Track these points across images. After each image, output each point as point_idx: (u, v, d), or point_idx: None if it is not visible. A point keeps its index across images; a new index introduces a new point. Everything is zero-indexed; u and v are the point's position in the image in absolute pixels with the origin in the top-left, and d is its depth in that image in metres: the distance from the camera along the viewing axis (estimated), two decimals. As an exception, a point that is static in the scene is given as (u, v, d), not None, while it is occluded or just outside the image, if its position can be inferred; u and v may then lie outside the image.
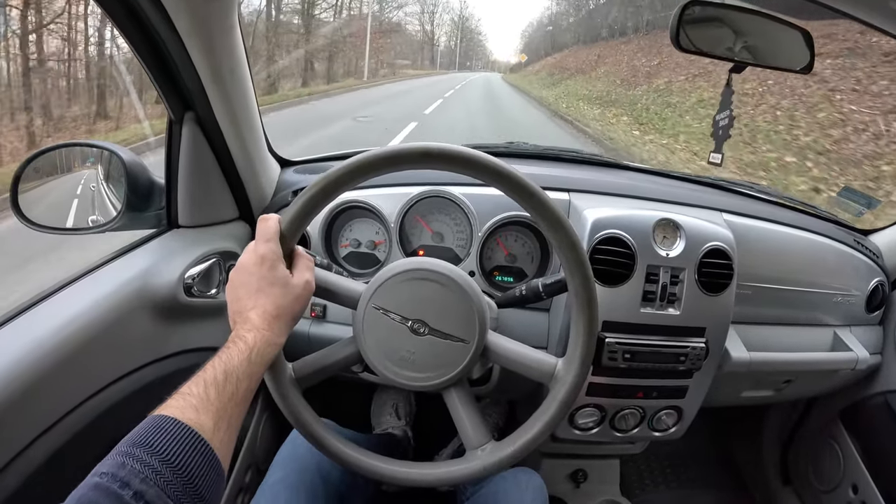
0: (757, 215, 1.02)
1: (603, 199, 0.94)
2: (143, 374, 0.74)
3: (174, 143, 0.81)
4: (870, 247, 1.11)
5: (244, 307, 0.55)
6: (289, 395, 0.65)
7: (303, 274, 0.60)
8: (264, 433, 1.10)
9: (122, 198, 0.83)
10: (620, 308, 0.84)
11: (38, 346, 0.61)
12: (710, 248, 0.85)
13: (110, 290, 0.71)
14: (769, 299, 0.99)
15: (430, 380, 0.65)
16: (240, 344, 0.51)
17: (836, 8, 0.70)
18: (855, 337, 1.06)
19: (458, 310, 0.64)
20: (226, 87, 0.76)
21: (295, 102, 11.24)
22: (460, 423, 0.68)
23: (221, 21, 0.69)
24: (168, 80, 0.75)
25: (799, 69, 0.77)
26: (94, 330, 0.67)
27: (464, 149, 0.59)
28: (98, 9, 0.66)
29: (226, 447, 0.45)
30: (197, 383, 0.46)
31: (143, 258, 0.79)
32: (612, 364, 0.84)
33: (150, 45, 0.70)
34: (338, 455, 0.67)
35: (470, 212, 0.91)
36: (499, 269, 0.96)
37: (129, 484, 0.36)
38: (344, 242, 0.98)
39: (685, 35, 0.72)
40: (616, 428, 0.94)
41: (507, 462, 0.65)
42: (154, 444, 0.39)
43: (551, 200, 0.60)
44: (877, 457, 1.12)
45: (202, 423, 0.43)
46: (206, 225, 0.88)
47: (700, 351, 0.86)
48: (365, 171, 0.59)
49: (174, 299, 0.77)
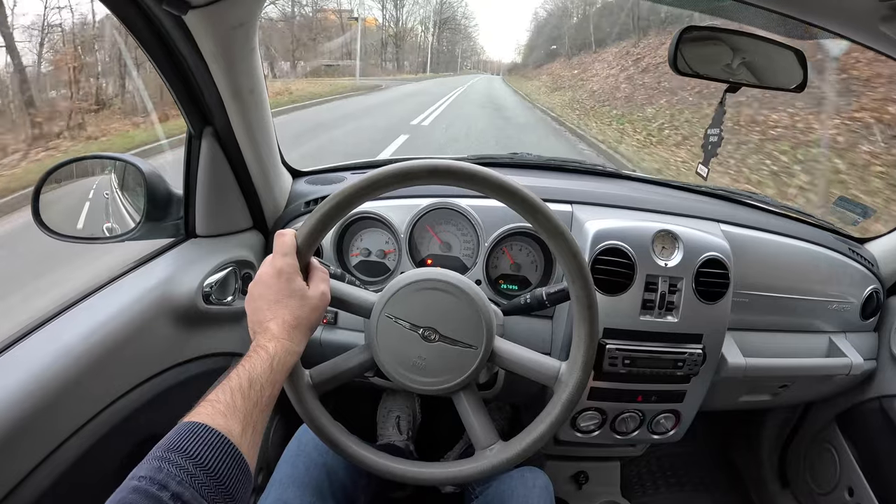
0: (753, 225, 1.05)
1: (604, 211, 0.97)
2: (166, 377, 0.77)
3: (193, 157, 0.85)
4: (865, 255, 1.13)
5: (264, 318, 0.58)
6: (306, 400, 0.68)
7: (318, 286, 0.63)
8: (275, 436, 1.13)
9: (140, 208, 0.86)
10: (621, 316, 0.88)
11: (68, 352, 0.64)
12: (707, 258, 0.88)
13: (134, 298, 0.75)
14: (765, 307, 1.02)
15: (440, 384, 0.69)
16: (261, 353, 0.54)
17: (829, 30, 0.73)
18: (850, 343, 1.09)
19: (466, 317, 0.67)
20: (245, 104, 0.80)
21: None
22: (469, 425, 0.72)
23: (244, 45, 0.72)
24: (189, 97, 0.79)
25: (792, 88, 0.80)
26: (119, 336, 0.70)
27: (469, 165, 0.62)
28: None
29: (252, 451, 0.48)
30: (224, 391, 0.49)
31: (163, 267, 0.83)
32: (612, 369, 0.87)
33: (173, 65, 0.74)
34: (355, 456, 0.70)
35: (476, 223, 0.94)
36: (504, 278, 0.99)
37: (166, 486, 0.39)
38: (355, 251, 1.01)
39: (682, 57, 0.75)
40: (616, 431, 0.97)
41: (514, 460, 0.68)
42: (188, 449, 0.42)
43: (553, 213, 0.63)
44: (872, 460, 1.14)
45: (231, 428, 0.46)
46: (221, 234, 0.92)
47: (697, 357, 0.89)
48: (376, 189, 0.62)
49: (194, 307, 0.80)
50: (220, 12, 0.65)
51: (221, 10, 0.65)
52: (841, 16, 0.67)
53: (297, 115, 9.87)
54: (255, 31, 0.73)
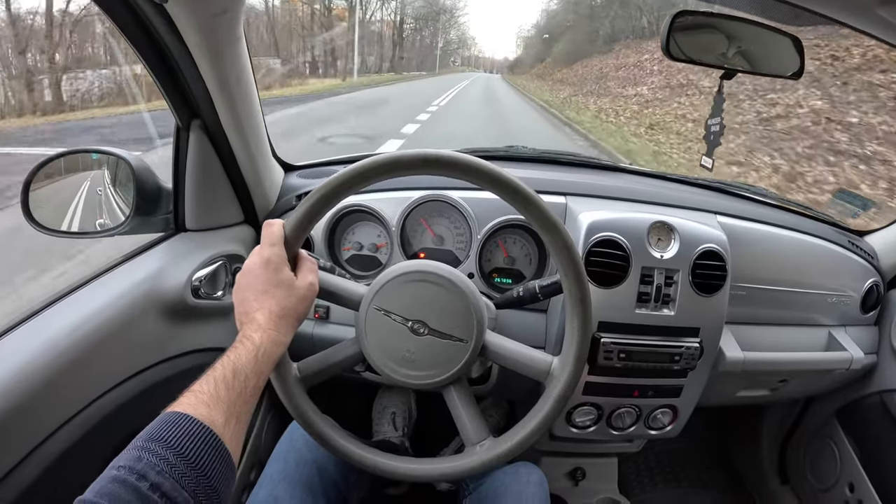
0: (751, 217, 1.03)
1: (598, 203, 0.96)
2: (152, 373, 0.77)
3: (181, 150, 0.84)
4: (865, 248, 1.12)
5: (250, 308, 0.58)
6: (293, 394, 0.67)
7: (306, 276, 0.62)
8: (268, 432, 1.13)
9: (130, 202, 0.85)
10: (616, 309, 0.86)
11: (53, 346, 0.63)
12: (704, 250, 0.87)
13: (121, 292, 0.74)
14: (764, 300, 1.01)
15: (429, 378, 0.68)
16: (247, 343, 0.54)
17: (825, 15, 0.72)
18: (850, 337, 1.08)
19: (456, 310, 0.66)
20: (232, 95, 0.79)
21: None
22: (460, 420, 0.70)
23: (228, 33, 0.71)
24: (176, 88, 0.77)
25: (789, 75, 0.79)
26: (105, 330, 0.69)
27: (461, 155, 0.61)
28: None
29: (235, 442, 0.47)
30: (207, 381, 0.48)
31: (152, 261, 0.82)
32: (607, 363, 0.86)
33: (158, 56, 0.73)
34: (342, 451, 0.69)
35: (469, 215, 0.93)
36: (498, 271, 0.98)
37: (145, 476, 0.38)
38: (346, 245, 1.00)
39: (675, 43, 0.74)
40: (613, 426, 0.96)
41: (504, 457, 0.67)
42: (168, 439, 0.41)
43: (545, 204, 0.62)
44: (872, 455, 1.13)
45: (213, 418, 0.45)
46: (212, 228, 0.91)
47: (694, 351, 0.87)
48: (365, 178, 0.61)
49: (182, 301, 0.79)
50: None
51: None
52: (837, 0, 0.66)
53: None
54: (239, 18, 0.71)
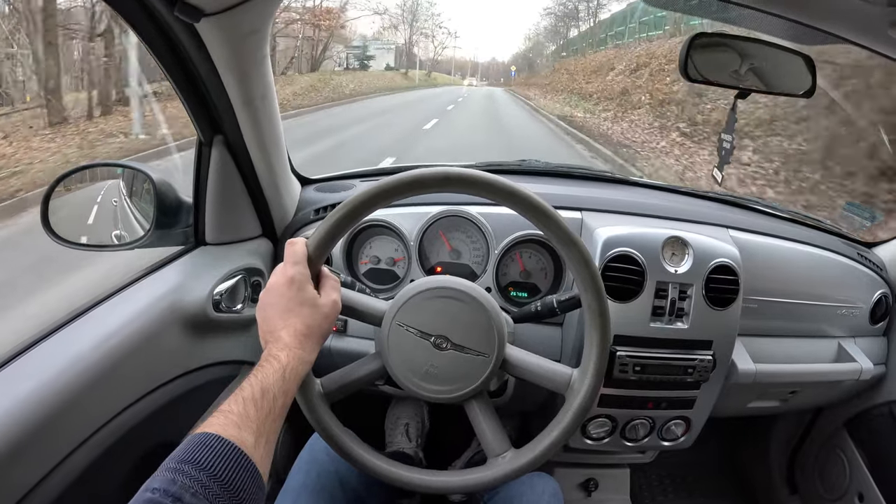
0: (762, 231, 1.05)
1: (613, 218, 0.97)
2: (173, 386, 0.77)
3: (203, 165, 0.85)
4: (874, 259, 1.13)
5: (275, 327, 0.58)
6: (317, 409, 0.68)
7: (330, 294, 0.63)
8: (283, 444, 1.13)
9: (150, 216, 0.87)
10: (631, 323, 0.87)
11: (79, 359, 0.64)
12: (717, 265, 0.88)
13: (144, 307, 0.75)
14: (775, 312, 1.02)
15: (452, 392, 0.68)
16: (273, 363, 0.54)
17: (838, 35, 0.73)
18: (859, 348, 1.08)
19: (478, 325, 0.67)
20: (256, 112, 0.80)
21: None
22: (482, 433, 0.71)
23: (256, 52, 0.72)
24: (200, 105, 0.79)
25: (801, 94, 0.80)
26: (129, 344, 0.70)
27: (480, 173, 0.62)
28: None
29: (265, 461, 0.48)
30: (236, 401, 0.48)
31: (173, 275, 0.83)
32: (623, 376, 0.87)
33: (184, 73, 0.74)
34: (365, 465, 0.70)
35: (487, 230, 0.94)
36: (514, 285, 0.99)
37: (180, 499, 0.39)
38: (364, 259, 1.01)
39: (692, 64, 0.75)
40: (627, 438, 0.97)
41: (526, 468, 0.68)
42: (201, 461, 0.42)
43: (563, 220, 0.63)
44: (882, 466, 1.14)
45: (244, 439, 0.45)
46: (231, 242, 0.92)
47: (707, 363, 0.88)
48: (387, 196, 0.62)
49: (204, 315, 0.80)
50: (233, 20, 0.65)
51: (234, 18, 0.65)
52: (850, 22, 0.67)
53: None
54: (267, 38, 0.73)
